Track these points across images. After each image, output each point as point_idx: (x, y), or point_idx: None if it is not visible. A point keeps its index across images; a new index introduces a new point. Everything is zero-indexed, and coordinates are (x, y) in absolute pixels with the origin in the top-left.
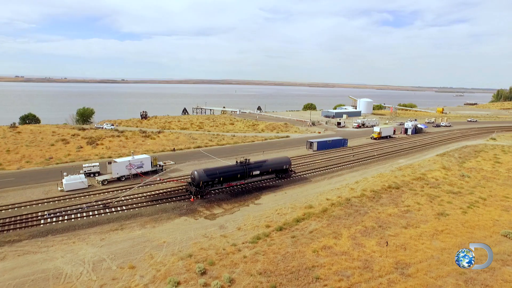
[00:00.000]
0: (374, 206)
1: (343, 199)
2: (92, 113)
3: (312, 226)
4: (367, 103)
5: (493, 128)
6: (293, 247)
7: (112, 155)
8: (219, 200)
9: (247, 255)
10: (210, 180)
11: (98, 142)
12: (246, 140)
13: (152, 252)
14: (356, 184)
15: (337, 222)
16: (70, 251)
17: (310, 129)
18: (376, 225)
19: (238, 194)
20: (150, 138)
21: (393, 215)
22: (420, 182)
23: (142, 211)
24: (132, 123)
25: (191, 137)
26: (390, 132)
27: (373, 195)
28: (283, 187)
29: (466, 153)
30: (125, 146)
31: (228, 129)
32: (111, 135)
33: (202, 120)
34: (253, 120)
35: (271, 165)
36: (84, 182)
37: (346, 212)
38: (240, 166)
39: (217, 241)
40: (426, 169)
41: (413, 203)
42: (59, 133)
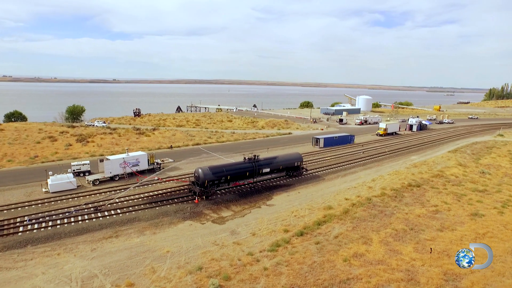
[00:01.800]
0: (399, 206)
1: (363, 198)
2: (83, 111)
3: (336, 230)
4: (366, 100)
5: (497, 125)
6: (319, 256)
7: (104, 153)
8: (227, 201)
9: (268, 267)
10: (216, 178)
11: (88, 140)
12: (247, 137)
13: (154, 265)
14: (373, 182)
15: (362, 224)
16: (54, 265)
17: (312, 126)
18: (407, 227)
19: (247, 195)
20: (144, 135)
21: (422, 216)
22: (440, 180)
23: (140, 215)
24: (125, 120)
25: (188, 134)
26: (396, 128)
27: (394, 194)
28: (295, 186)
29: (478, 150)
30: (118, 143)
31: (226, 126)
32: (103, 132)
33: (199, 117)
34: (251, 117)
35: (282, 162)
36: (73, 182)
37: (370, 213)
38: (248, 163)
39: (230, 249)
40: (442, 166)
41: (440, 203)
42: (46, 131)
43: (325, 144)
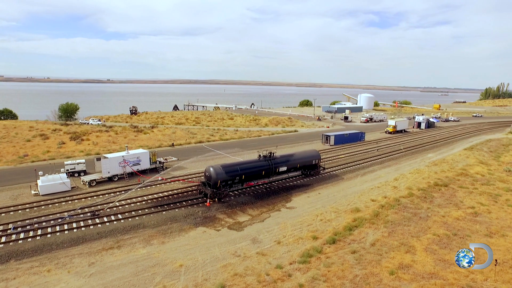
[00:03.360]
0: (432, 208)
1: (391, 199)
2: (77, 109)
3: (370, 236)
4: (369, 98)
5: (503, 123)
6: (360, 268)
7: (101, 151)
8: (242, 203)
9: (303, 283)
10: (230, 178)
11: (83, 138)
12: (252, 134)
13: (166, 283)
14: (396, 181)
15: (398, 229)
16: (43, 285)
17: (317, 123)
18: (450, 233)
19: (263, 196)
20: (143, 133)
21: (461, 219)
22: (466, 179)
23: (144, 221)
24: (121, 119)
25: (189, 132)
26: (405, 126)
27: (423, 194)
28: (314, 186)
29: (494, 147)
30: (115, 141)
31: (228, 124)
32: (99, 130)
33: (198, 115)
34: (253, 115)
35: (299, 159)
36: (66, 183)
37: (403, 216)
38: (264, 161)
39: (254, 261)
40: (463, 164)
41: (476, 204)
42: (38, 128)
43: (335, 141)
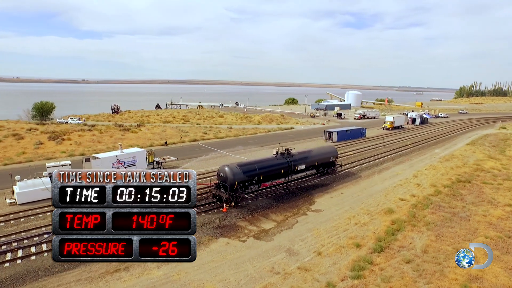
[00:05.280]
0: (468, 207)
1: (421, 198)
2: (53, 108)
3: (417, 241)
4: (356, 95)
5: (490, 119)
6: (424, 281)
7: (86, 151)
8: (262, 208)
9: None
10: (248, 179)
11: (64, 137)
12: (247, 132)
13: None
14: (416, 178)
15: (444, 232)
16: None
17: (311, 120)
18: (502, 235)
19: (283, 198)
20: (130, 131)
21: (504, 218)
22: (486, 174)
23: None
24: (103, 117)
25: (180, 130)
26: (402, 122)
27: (450, 191)
28: (333, 185)
29: (494, 142)
30: (101, 141)
31: (219, 122)
32: (80, 129)
33: (185, 113)
34: (242, 113)
35: (317, 157)
36: (50, 189)
37: (443, 217)
38: (282, 159)
39: (299, 279)
40: (473, 159)
41: (510, 201)
42: (10, 128)
43: (338, 138)
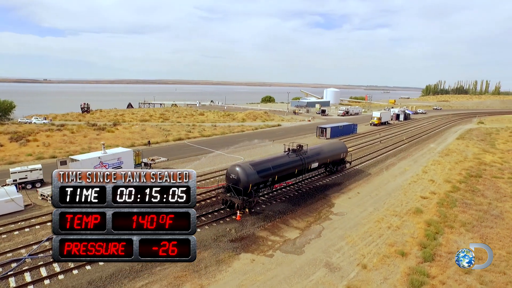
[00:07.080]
0: (494, 204)
1: (442, 195)
2: (12, 107)
3: (463, 245)
4: (335, 93)
5: (465, 114)
6: None
7: (57, 153)
8: (279, 213)
9: None
10: (262, 180)
11: (29, 138)
12: (234, 130)
13: None
14: (426, 174)
15: (487, 234)
16: None
17: (295, 117)
18: None
19: (298, 200)
20: (106, 131)
21: None
22: (490, 168)
23: None
24: (72, 117)
25: (161, 128)
26: (388, 118)
27: (467, 187)
28: (346, 184)
29: (480, 136)
30: (73, 141)
31: (201, 120)
32: (48, 129)
33: (162, 112)
34: (222, 111)
35: (328, 154)
36: (17, 200)
37: (475, 216)
38: (296, 157)
39: None
40: (470, 153)
41: None
42: None
43: (331, 134)
